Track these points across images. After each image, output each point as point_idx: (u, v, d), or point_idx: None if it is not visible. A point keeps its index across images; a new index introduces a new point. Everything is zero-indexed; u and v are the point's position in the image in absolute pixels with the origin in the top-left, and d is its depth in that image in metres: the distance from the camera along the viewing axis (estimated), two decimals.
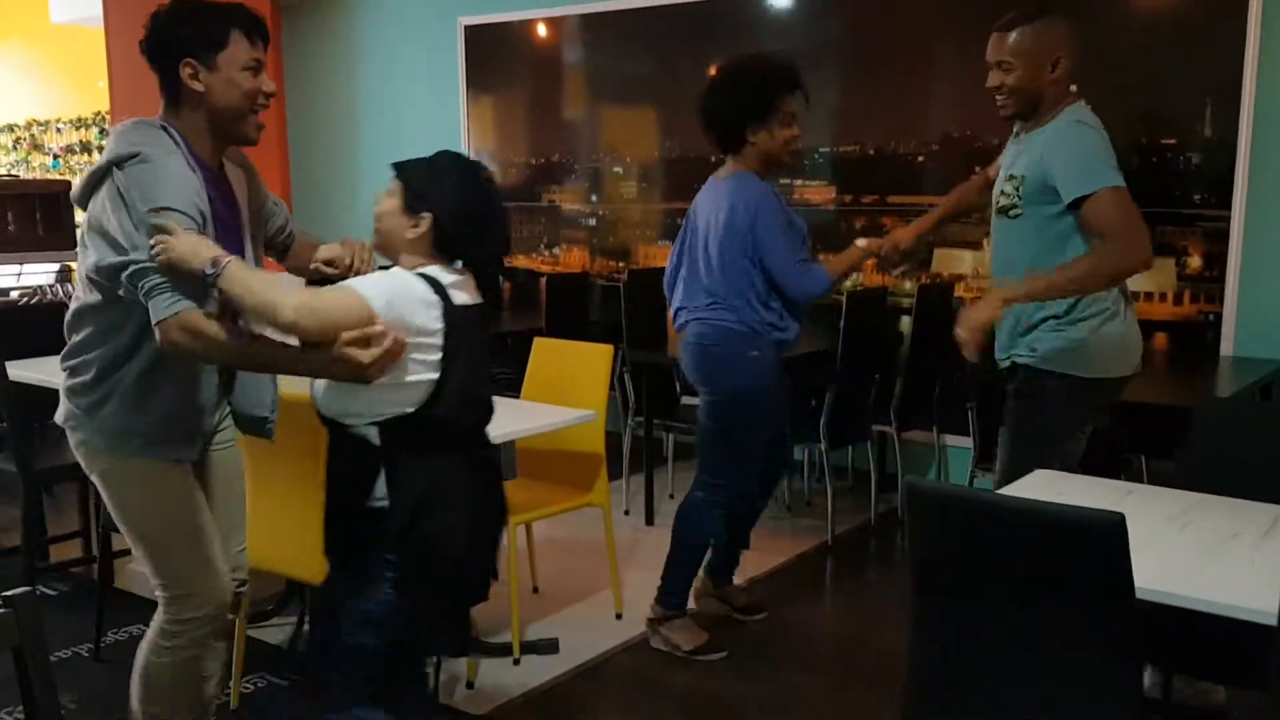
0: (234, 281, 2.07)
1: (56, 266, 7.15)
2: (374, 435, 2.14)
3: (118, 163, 2.17)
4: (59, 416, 2.45)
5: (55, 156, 9.27)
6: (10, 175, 9.25)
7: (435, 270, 2.14)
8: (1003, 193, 2.89)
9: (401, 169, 2.20)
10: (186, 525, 2.39)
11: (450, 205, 2.14)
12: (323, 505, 2.26)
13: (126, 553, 3.91)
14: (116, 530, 3.39)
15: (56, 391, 3.84)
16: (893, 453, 4.90)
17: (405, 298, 2.08)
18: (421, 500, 2.13)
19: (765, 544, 4.40)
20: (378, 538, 2.15)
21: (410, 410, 2.12)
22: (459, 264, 2.20)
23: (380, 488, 2.14)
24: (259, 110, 2.30)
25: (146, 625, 2.55)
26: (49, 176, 8.98)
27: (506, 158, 6.78)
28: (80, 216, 2.27)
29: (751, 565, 4.17)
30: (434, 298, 2.09)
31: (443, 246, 2.16)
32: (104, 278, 2.21)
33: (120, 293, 2.19)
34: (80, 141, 9.06)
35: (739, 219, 3.25)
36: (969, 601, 2.01)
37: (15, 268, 7.07)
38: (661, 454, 5.30)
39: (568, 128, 6.50)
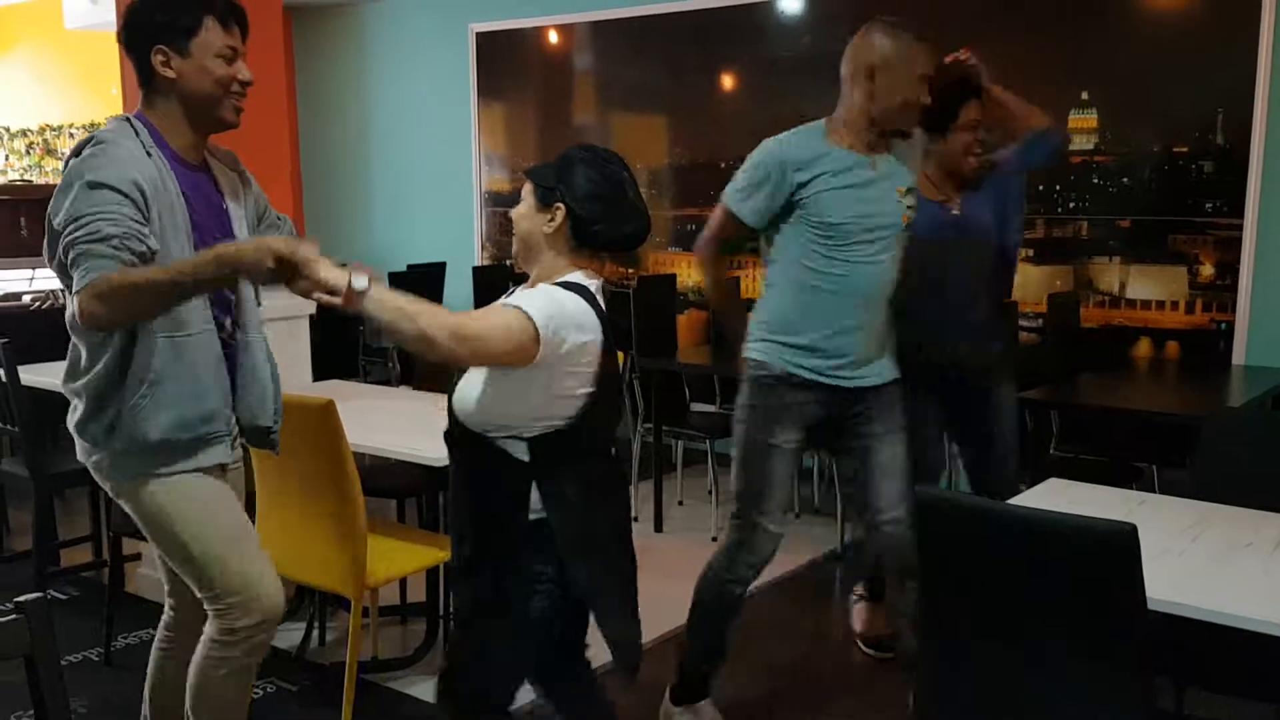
0: (384, 307, 1.96)
1: None
2: (521, 451, 2.09)
3: (76, 152, 2.16)
4: (80, 455, 2.35)
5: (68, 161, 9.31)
6: (23, 180, 9.29)
7: (579, 276, 2.11)
8: (909, 206, 2.82)
9: (531, 171, 2.17)
10: (231, 531, 2.32)
11: (580, 191, 2.10)
12: (455, 521, 2.24)
13: (137, 557, 3.93)
14: (128, 535, 3.42)
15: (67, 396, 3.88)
16: None
17: (562, 315, 2.03)
18: (583, 510, 2.12)
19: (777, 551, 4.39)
20: (536, 549, 2.12)
21: (561, 424, 2.08)
22: (599, 259, 2.17)
23: (535, 500, 2.11)
24: (235, 96, 2.25)
25: (156, 630, 2.55)
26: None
27: (516, 163, 6.78)
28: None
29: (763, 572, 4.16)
30: (588, 310, 2.07)
31: (581, 236, 2.11)
32: (55, 267, 2.14)
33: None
34: None
35: None
36: (980, 611, 2.01)
37: (28, 272, 7.11)
38: (671, 461, 5.30)
39: (578, 133, 6.50)
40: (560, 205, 2.10)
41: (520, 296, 2.06)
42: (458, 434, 2.16)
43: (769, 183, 2.72)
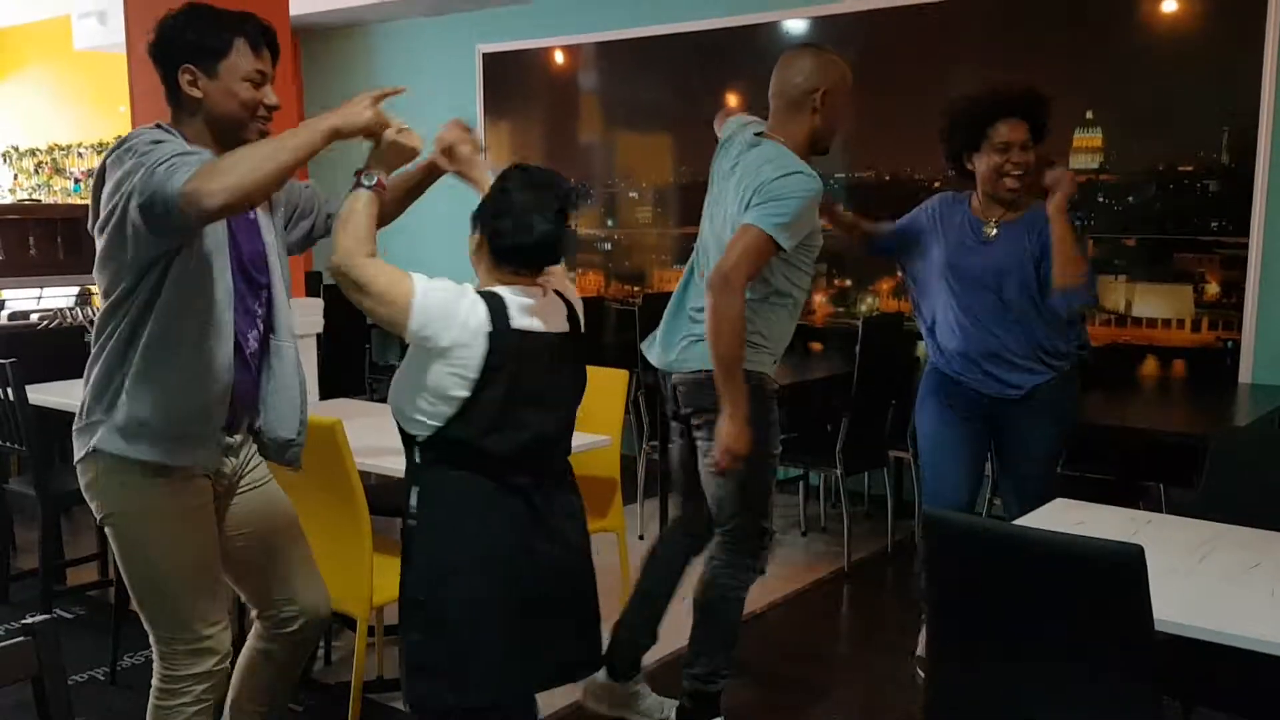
0: (359, 207, 2.18)
1: (76, 290, 7.20)
2: (412, 448, 2.17)
3: (108, 155, 2.15)
4: (76, 454, 2.31)
5: (76, 180, 9.36)
6: (32, 199, 9.34)
7: (507, 290, 2.14)
8: None
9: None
10: (197, 571, 2.28)
11: (489, 212, 2.17)
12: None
13: None
14: None
15: (74, 415, 3.89)
16: (909, 478, 4.88)
17: (443, 307, 2.08)
18: (438, 526, 2.13)
19: (782, 570, 4.38)
20: (407, 563, 2.17)
21: (439, 424, 2.11)
22: (524, 273, 2.18)
23: (413, 504, 2.16)
24: (260, 120, 2.26)
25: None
26: (70, 201, 9.06)
27: None
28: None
29: (768, 591, 4.16)
30: (481, 316, 2.08)
31: (496, 254, 2.17)
32: (102, 230, 2.11)
33: (116, 256, 2.11)
34: None
35: None
36: (988, 632, 2.00)
37: (35, 291, 7.14)
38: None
39: (584, 152, 6.53)
40: (478, 232, 2.19)
41: (429, 283, 2.13)
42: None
43: (811, 214, 2.78)
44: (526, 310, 2.13)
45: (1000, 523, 2.13)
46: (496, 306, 2.10)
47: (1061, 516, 2.46)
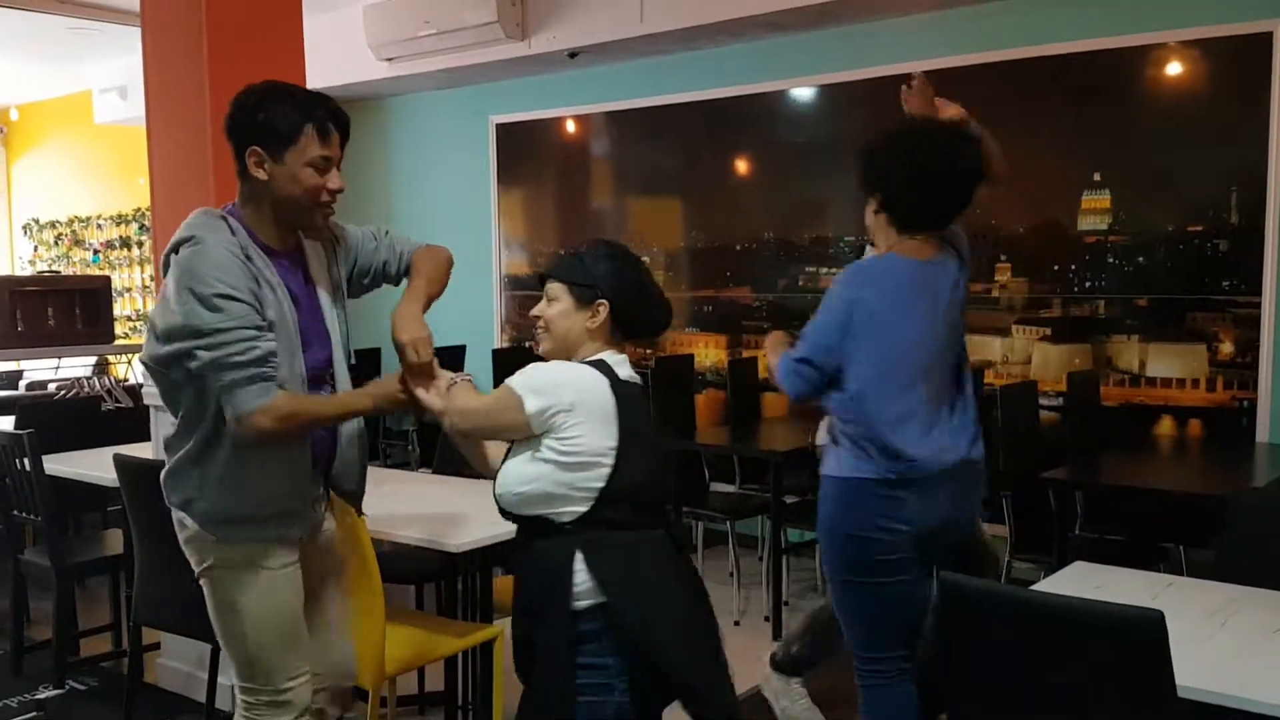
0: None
1: (94, 359, 7.26)
2: (563, 519, 2.17)
3: (175, 247, 2.21)
4: (171, 504, 2.40)
5: (95, 252, 9.48)
6: (51, 271, 9.45)
7: (605, 354, 2.20)
8: None
9: (555, 272, 2.26)
10: (288, 626, 2.36)
11: (619, 284, 2.21)
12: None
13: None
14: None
15: (90, 485, 3.91)
16: None
17: (552, 382, 2.14)
18: (635, 582, 2.15)
19: None
20: (586, 638, 2.13)
21: (595, 489, 2.11)
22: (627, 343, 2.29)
23: (583, 583, 2.12)
24: (324, 207, 2.30)
25: None
26: (89, 272, 9.17)
27: (536, 247, 6.87)
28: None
29: None
30: (596, 378, 2.14)
31: (623, 328, 2.24)
32: (158, 364, 2.24)
33: (175, 377, 2.24)
34: (120, 237, 9.27)
35: None
36: (1007, 699, 1.97)
37: (54, 361, 7.19)
38: (691, 541, 5.26)
39: (595, 218, 6.60)
40: (603, 301, 2.19)
41: (519, 372, 2.18)
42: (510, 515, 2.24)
43: None
44: (623, 364, 2.22)
45: (1019, 588, 2.10)
46: (599, 365, 2.17)
47: (1081, 580, 2.43)
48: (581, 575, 2.10)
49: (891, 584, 2.65)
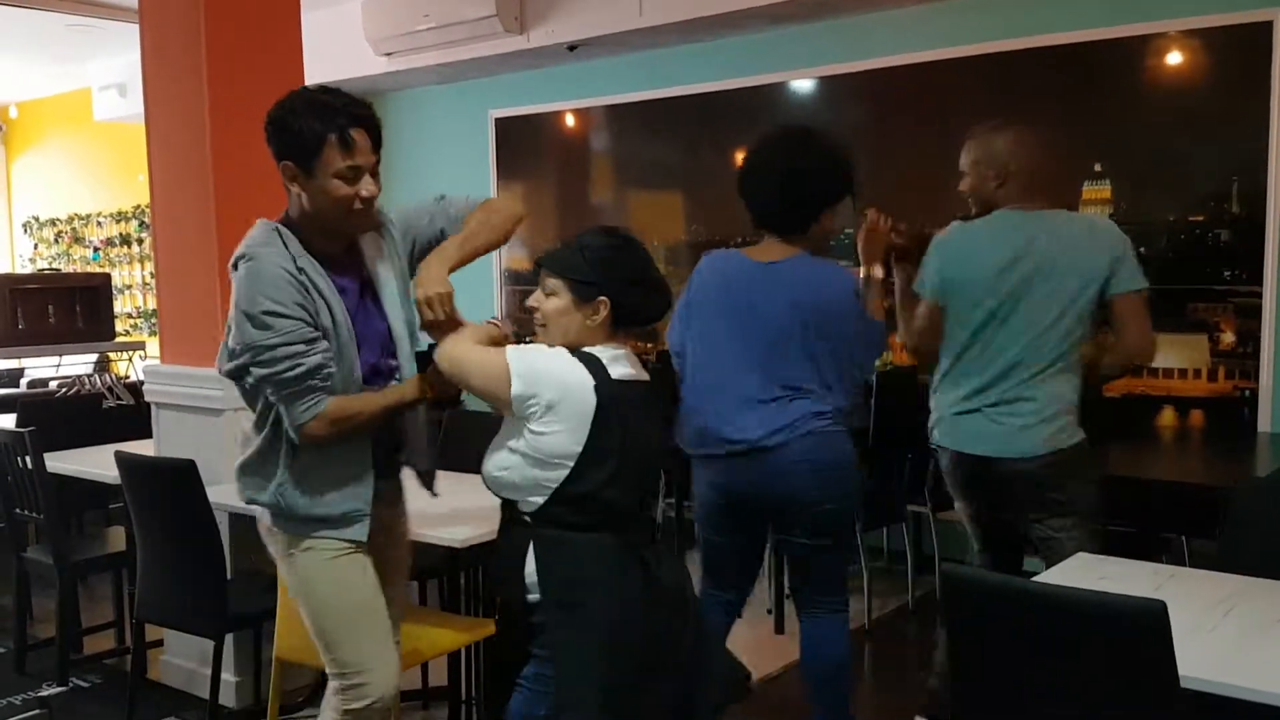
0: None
1: (95, 357, 7.26)
2: (521, 518, 2.20)
3: (234, 264, 2.26)
4: (247, 499, 2.43)
5: (96, 249, 9.48)
6: (51, 269, 9.45)
7: (600, 349, 2.17)
8: None
9: (554, 265, 2.20)
10: (368, 609, 2.40)
11: (621, 282, 2.16)
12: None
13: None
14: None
15: (92, 483, 3.91)
16: (929, 533, 4.84)
17: (546, 373, 2.12)
18: (564, 606, 2.13)
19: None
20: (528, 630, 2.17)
21: (551, 487, 2.13)
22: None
23: (530, 573, 2.15)
24: (356, 215, 2.29)
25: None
26: (89, 269, 9.17)
27: (536, 242, 6.86)
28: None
29: (789, 649, 4.11)
30: (583, 376, 2.12)
31: (625, 322, 2.21)
32: (226, 377, 2.33)
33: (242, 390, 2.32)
34: (120, 234, 9.27)
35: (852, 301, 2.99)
36: (1011, 690, 1.97)
37: (54, 359, 7.20)
38: (694, 536, 5.25)
39: (595, 212, 6.59)
40: (604, 299, 2.15)
41: (522, 348, 2.18)
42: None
43: None
44: (620, 360, 2.18)
45: (1021, 579, 2.10)
46: (592, 362, 2.14)
47: (1083, 571, 2.43)
48: (530, 568, 2.13)
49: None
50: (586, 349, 2.16)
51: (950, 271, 2.99)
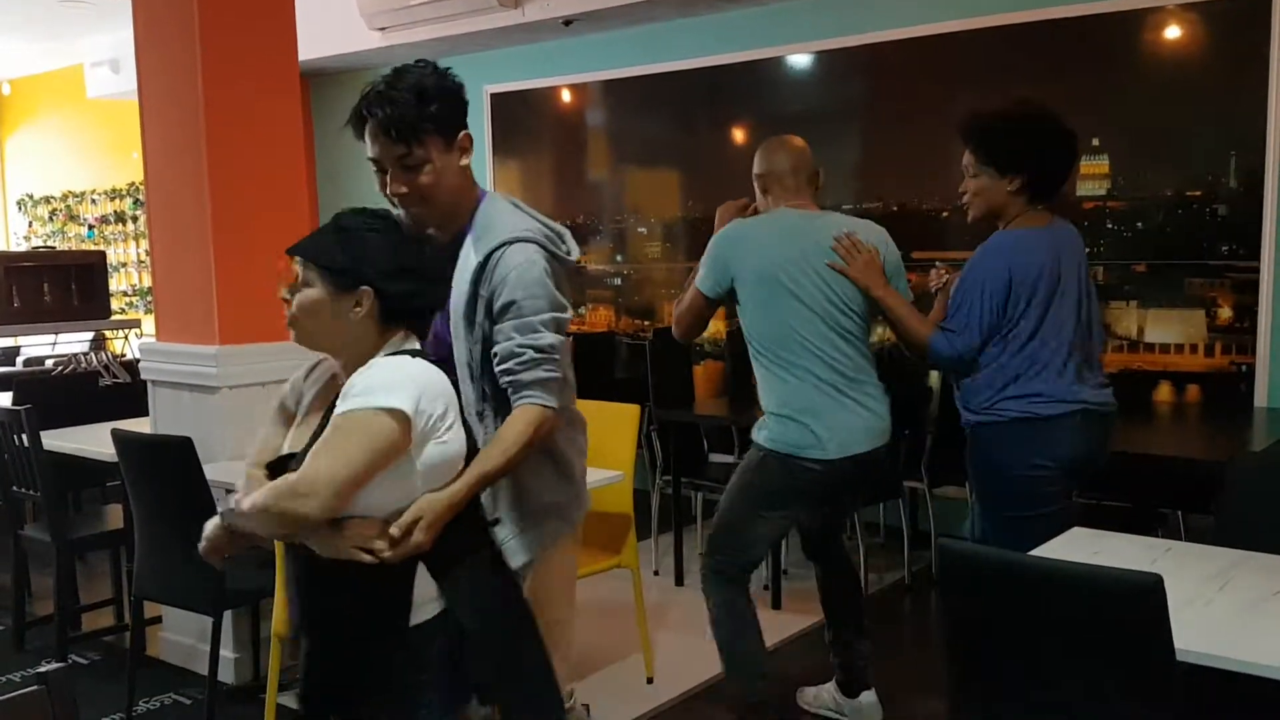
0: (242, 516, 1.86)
1: (90, 335, 7.25)
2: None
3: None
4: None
5: (90, 227, 9.45)
6: (46, 246, 9.42)
7: (402, 343, 1.90)
8: None
9: (306, 251, 1.87)
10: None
11: (385, 268, 1.85)
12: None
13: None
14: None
15: (89, 461, 3.91)
16: (925, 508, 4.86)
17: (421, 388, 1.81)
18: (484, 596, 1.92)
19: (798, 605, 4.35)
20: (415, 658, 1.84)
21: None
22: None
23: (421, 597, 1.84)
24: (408, 209, 2.16)
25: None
26: (84, 247, 9.14)
27: None
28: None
29: (785, 626, 4.13)
30: (439, 375, 1.86)
31: (395, 315, 1.88)
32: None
33: None
34: (115, 212, 9.23)
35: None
36: (1006, 665, 1.98)
37: (50, 337, 7.18)
38: (690, 513, 5.27)
39: (592, 189, 6.57)
40: (366, 288, 1.84)
41: (364, 388, 1.76)
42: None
43: None
44: (420, 352, 1.94)
45: (1016, 553, 2.11)
46: (430, 360, 1.90)
47: (1078, 545, 2.44)
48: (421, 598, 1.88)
49: None
50: (402, 348, 1.88)
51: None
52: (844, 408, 2.99)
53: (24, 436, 3.82)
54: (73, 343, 7.28)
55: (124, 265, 9.22)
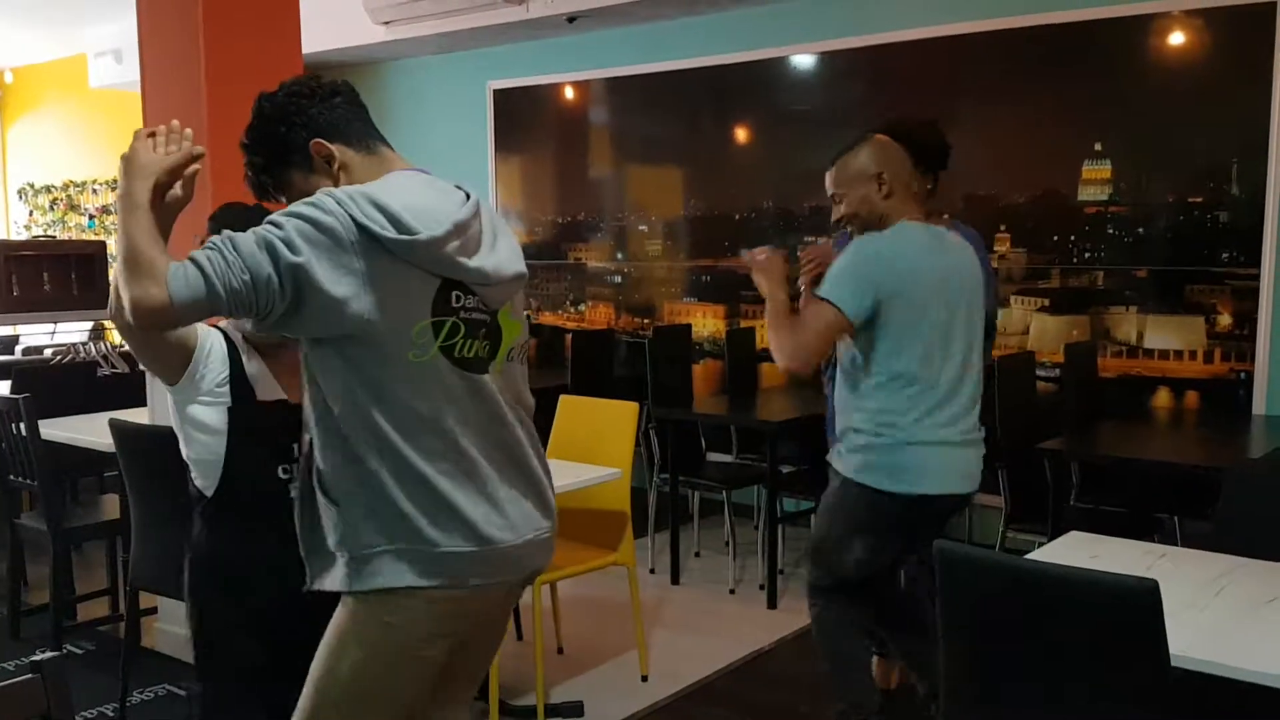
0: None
1: (90, 325, 7.24)
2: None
3: None
4: None
5: (91, 217, 9.44)
6: (46, 236, 9.41)
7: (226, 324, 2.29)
8: None
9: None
10: None
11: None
12: None
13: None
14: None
15: (86, 451, 3.91)
16: None
17: (212, 346, 2.28)
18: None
19: (796, 604, 4.35)
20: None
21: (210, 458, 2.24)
22: None
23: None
24: None
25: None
26: (84, 237, 9.13)
27: (533, 216, 6.85)
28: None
29: (781, 624, 4.13)
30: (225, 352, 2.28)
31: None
32: None
33: None
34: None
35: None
36: (1002, 669, 1.98)
37: (49, 326, 7.18)
38: (687, 511, 5.27)
39: (593, 187, 6.57)
40: None
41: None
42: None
43: None
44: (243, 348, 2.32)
45: (1013, 557, 2.11)
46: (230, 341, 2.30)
47: (1076, 550, 2.44)
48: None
49: None
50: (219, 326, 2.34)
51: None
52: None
53: (21, 425, 3.82)
54: (72, 332, 7.27)
55: None
